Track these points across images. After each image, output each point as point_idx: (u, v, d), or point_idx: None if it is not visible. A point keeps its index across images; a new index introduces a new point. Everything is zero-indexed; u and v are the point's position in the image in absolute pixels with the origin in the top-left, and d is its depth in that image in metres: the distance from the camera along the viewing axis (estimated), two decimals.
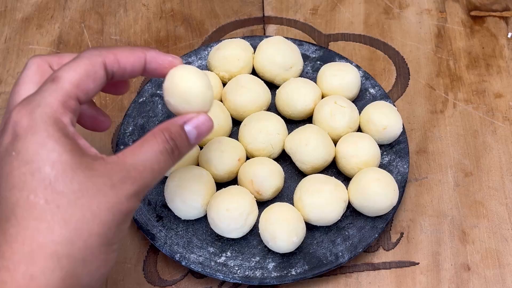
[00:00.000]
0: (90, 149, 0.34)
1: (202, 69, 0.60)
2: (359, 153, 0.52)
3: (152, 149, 0.34)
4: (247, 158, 0.54)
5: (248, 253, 0.50)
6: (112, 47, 0.37)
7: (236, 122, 0.56)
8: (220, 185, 0.52)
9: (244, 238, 0.51)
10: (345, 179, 0.54)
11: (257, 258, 0.50)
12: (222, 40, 0.60)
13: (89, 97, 0.35)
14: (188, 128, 0.37)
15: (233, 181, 0.53)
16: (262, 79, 0.58)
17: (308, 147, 0.51)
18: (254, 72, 0.60)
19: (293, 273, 0.49)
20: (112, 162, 0.33)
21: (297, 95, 0.55)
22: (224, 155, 0.51)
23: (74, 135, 0.33)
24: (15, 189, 0.30)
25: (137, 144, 0.34)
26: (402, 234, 0.53)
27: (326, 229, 0.51)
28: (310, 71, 0.60)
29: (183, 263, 0.49)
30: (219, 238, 0.51)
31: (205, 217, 0.51)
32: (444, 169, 0.57)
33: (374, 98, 0.58)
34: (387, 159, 0.55)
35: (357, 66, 0.60)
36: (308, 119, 0.57)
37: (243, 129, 0.54)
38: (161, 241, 0.50)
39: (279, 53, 0.57)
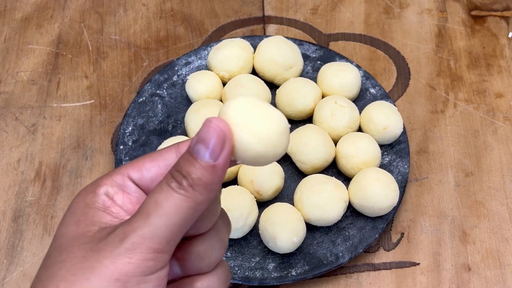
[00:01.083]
0: (117, 218, 0.28)
1: (201, 69, 0.60)
2: (359, 153, 0.52)
3: (155, 188, 0.27)
4: None
5: (248, 254, 0.50)
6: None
7: None
8: None
9: (244, 238, 0.50)
10: (345, 179, 0.53)
11: (257, 259, 0.50)
12: (222, 40, 0.60)
13: (146, 176, 0.29)
14: (195, 146, 0.26)
15: (233, 181, 0.53)
16: (262, 79, 0.58)
17: (308, 147, 0.51)
18: (254, 72, 0.60)
19: (293, 273, 0.48)
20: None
21: (297, 95, 0.55)
22: None
23: (103, 203, 0.29)
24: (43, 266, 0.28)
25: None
26: (402, 234, 0.53)
27: (326, 229, 0.51)
28: (310, 71, 0.60)
29: None
30: None
31: None
32: (444, 169, 0.56)
33: (375, 98, 0.58)
34: (387, 159, 0.54)
35: (358, 66, 0.59)
36: (308, 119, 0.57)
37: None
38: None
39: (279, 53, 0.57)
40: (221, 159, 0.26)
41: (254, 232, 0.51)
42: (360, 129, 0.56)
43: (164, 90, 0.59)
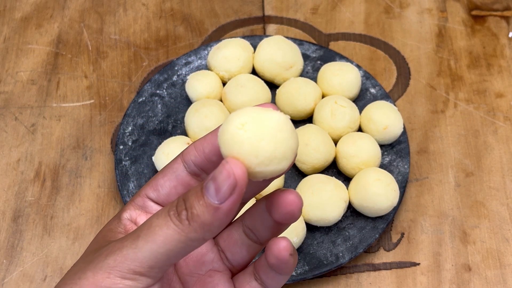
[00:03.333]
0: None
1: (201, 68, 0.60)
2: (360, 153, 0.52)
3: (157, 211, 0.27)
4: None
5: None
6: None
7: None
8: None
9: None
10: (346, 179, 0.53)
11: (257, 259, 0.49)
12: (222, 39, 0.60)
13: (162, 193, 0.30)
14: (207, 183, 0.25)
15: None
16: (262, 79, 0.58)
17: (308, 147, 0.51)
18: (254, 72, 0.59)
19: (293, 273, 0.48)
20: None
21: (297, 95, 0.55)
22: None
23: (124, 227, 0.30)
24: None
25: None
26: (402, 234, 0.53)
27: (327, 230, 0.51)
28: (310, 71, 0.60)
29: None
30: None
31: None
32: (445, 169, 0.56)
33: (375, 98, 0.58)
34: (387, 159, 0.54)
35: (358, 66, 0.59)
36: (308, 119, 0.57)
37: None
38: None
39: (279, 53, 0.57)
40: (227, 203, 0.24)
41: None
42: (360, 129, 0.56)
43: (164, 90, 0.59)
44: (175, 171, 0.29)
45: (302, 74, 0.59)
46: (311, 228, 0.51)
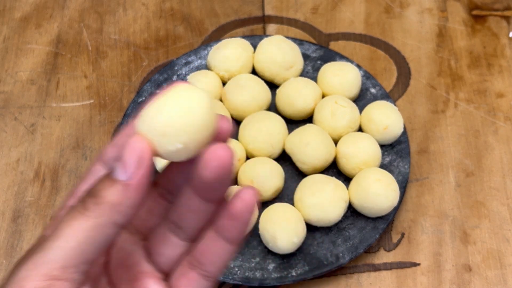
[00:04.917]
0: None
1: (201, 68, 0.60)
2: (360, 153, 0.51)
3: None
4: (247, 158, 0.54)
5: (248, 254, 0.50)
6: None
7: (236, 122, 0.56)
8: None
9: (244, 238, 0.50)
10: (346, 179, 0.53)
11: (257, 259, 0.49)
12: (222, 39, 0.60)
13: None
14: (113, 164, 0.24)
15: (233, 181, 0.53)
16: (262, 79, 0.58)
17: (308, 147, 0.51)
18: (254, 72, 0.59)
19: (293, 274, 0.48)
20: None
21: (297, 95, 0.55)
22: None
23: None
24: None
25: None
26: (403, 234, 0.53)
27: (327, 230, 0.51)
28: (310, 71, 0.60)
29: None
30: None
31: None
32: (445, 169, 0.56)
33: (375, 98, 0.58)
34: (388, 159, 0.54)
35: (358, 66, 0.59)
36: (308, 119, 0.57)
37: (243, 129, 0.54)
38: None
39: (279, 53, 0.57)
40: (137, 178, 0.24)
41: (254, 232, 0.50)
42: (360, 129, 0.56)
43: None
44: (95, 174, 0.27)
45: (302, 74, 0.59)
46: (311, 228, 0.50)
